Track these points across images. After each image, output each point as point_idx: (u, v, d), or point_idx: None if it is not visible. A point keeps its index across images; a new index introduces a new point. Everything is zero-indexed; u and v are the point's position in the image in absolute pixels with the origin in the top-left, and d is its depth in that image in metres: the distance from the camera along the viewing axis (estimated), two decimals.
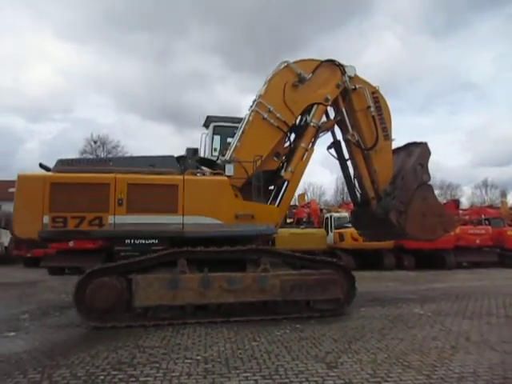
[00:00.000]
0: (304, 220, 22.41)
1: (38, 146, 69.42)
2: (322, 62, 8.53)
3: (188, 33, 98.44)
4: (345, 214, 19.31)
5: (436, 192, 10.87)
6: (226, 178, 7.63)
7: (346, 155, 9.29)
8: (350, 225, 13.19)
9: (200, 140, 10.85)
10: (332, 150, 9.39)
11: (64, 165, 7.43)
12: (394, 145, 9.29)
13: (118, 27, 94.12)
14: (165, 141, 75.37)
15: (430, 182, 9.19)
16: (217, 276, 7.04)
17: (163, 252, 7.06)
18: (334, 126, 9.16)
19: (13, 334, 6.52)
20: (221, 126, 10.58)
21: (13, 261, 23.33)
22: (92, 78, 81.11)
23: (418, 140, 9.29)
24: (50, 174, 7.21)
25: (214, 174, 7.92)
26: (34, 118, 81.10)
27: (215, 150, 10.87)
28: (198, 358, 5.12)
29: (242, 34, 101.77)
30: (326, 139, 9.29)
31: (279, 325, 6.91)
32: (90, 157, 38.94)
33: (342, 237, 17.93)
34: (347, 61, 8.61)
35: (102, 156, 39.16)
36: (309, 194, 51.93)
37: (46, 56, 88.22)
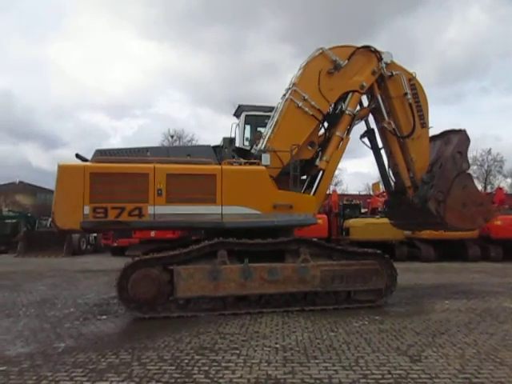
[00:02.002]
0: (379, 209, 21.72)
1: (121, 141, 74.06)
2: (357, 48, 8.25)
3: (260, 23, 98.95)
4: None
5: None
6: (263, 167, 7.48)
7: (380, 144, 9.01)
8: None
9: (230, 130, 10.48)
10: (365, 139, 9.11)
11: (102, 155, 7.44)
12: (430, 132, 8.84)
13: (193, 23, 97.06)
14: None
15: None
16: (258, 267, 6.99)
17: (206, 243, 7.04)
18: (368, 114, 8.85)
19: (104, 317, 7.02)
20: (252, 116, 10.35)
21: (101, 250, 25.18)
22: (169, 73, 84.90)
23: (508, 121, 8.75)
24: (89, 164, 7.18)
25: (250, 164, 7.78)
26: (116, 115, 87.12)
27: (247, 139, 10.68)
28: (277, 346, 5.18)
29: (314, 21, 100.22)
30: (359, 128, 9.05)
31: (357, 316, 6.79)
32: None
33: None
34: (427, 38, 8.20)
35: None
36: None
37: (127, 54, 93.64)
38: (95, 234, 25.43)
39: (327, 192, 9.39)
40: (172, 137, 45.56)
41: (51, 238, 20.99)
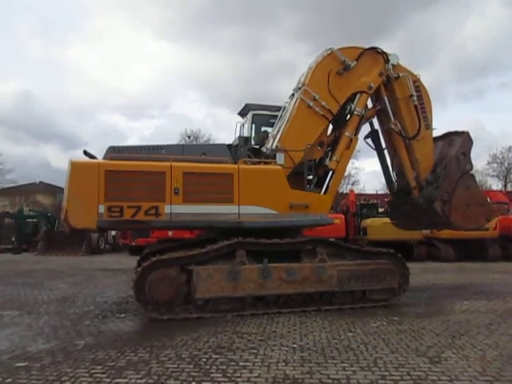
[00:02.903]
0: None
1: (138, 141, 74.64)
2: (365, 49, 8.31)
3: (277, 22, 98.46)
4: None
5: None
6: (280, 167, 7.48)
7: (383, 145, 9.15)
8: None
9: (235, 129, 10.43)
10: (369, 140, 9.20)
11: (116, 152, 7.26)
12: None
13: (207, 23, 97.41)
14: None
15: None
16: (276, 267, 6.95)
17: (225, 243, 6.94)
18: (374, 115, 8.91)
19: (123, 315, 7.10)
20: (259, 115, 10.14)
21: (119, 249, 25.51)
22: (185, 74, 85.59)
23: None
24: (104, 161, 7.02)
25: (265, 163, 7.75)
26: (134, 116, 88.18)
27: (253, 138, 10.70)
28: (294, 346, 5.17)
29: (330, 18, 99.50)
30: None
31: (375, 316, 6.74)
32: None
33: None
34: (445, 35, 8.13)
35: None
36: None
37: (143, 55, 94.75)
38: (113, 234, 25.80)
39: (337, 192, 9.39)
40: (189, 137, 45.81)
41: (70, 237, 21.39)
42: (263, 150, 8.19)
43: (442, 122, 8.86)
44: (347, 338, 5.48)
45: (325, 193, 8.13)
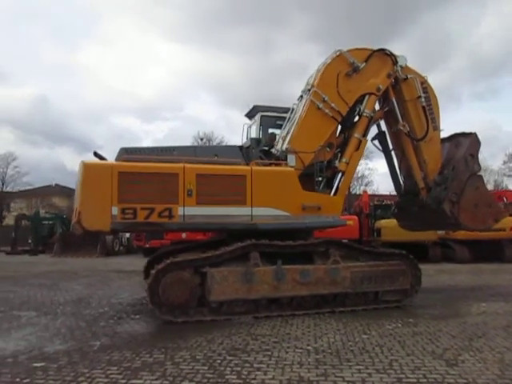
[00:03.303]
0: None
1: (152, 143, 74.95)
2: (374, 51, 8.30)
3: (288, 23, 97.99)
4: None
5: None
6: (292, 168, 7.48)
7: (390, 146, 9.17)
8: None
9: (242, 130, 10.26)
10: (376, 142, 9.19)
11: (128, 153, 7.25)
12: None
13: (219, 25, 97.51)
14: None
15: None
16: (290, 268, 6.94)
17: (239, 245, 6.90)
18: (382, 117, 8.90)
19: (138, 316, 7.15)
20: (267, 116, 10.01)
21: (133, 251, 25.70)
22: (197, 76, 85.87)
23: None
24: (117, 162, 6.98)
25: (276, 165, 7.72)
26: (147, 119, 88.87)
27: (261, 140, 10.64)
28: (309, 348, 5.14)
29: (341, 19, 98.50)
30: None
31: (390, 318, 6.68)
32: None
33: None
34: (459, 35, 8.04)
35: None
36: None
37: (156, 58, 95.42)
38: (128, 235, 25.99)
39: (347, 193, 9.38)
40: (202, 139, 45.96)
41: (85, 239, 21.59)
42: (273, 151, 8.19)
43: (456, 122, 8.98)
44: (362, 340, 5.44)
45: (335, 194, 8.11)
